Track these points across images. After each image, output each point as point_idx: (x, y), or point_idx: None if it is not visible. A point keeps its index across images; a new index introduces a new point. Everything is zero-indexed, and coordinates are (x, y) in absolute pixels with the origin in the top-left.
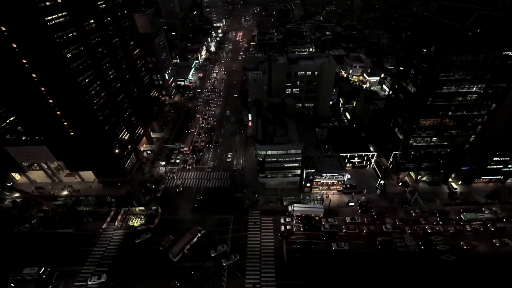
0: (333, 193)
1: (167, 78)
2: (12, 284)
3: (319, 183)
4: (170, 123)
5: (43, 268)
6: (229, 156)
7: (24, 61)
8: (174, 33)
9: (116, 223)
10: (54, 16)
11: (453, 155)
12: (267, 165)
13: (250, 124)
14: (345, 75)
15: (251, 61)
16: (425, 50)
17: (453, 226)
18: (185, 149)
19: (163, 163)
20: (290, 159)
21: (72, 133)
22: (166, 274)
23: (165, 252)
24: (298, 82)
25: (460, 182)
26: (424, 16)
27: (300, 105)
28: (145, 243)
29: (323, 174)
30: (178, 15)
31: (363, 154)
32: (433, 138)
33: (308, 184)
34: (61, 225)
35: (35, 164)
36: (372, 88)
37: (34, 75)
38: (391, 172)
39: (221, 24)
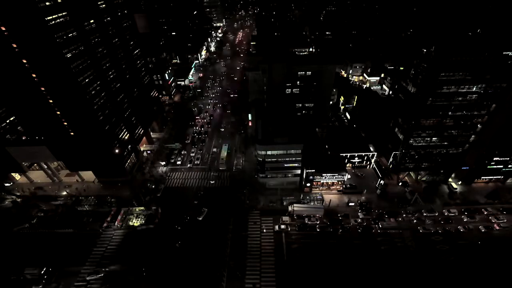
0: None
1: (167, 78)
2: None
3: (319, 183)
4: (170, 123)
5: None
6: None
7: (24, 61)
8: (174, 33)
9: (116, 223)
10: (54, 16)
11: (453, 155)
12: (267, 165)
13: (250, 124)
14: (345, 75)
15: (251, 61)
16: (425, 50)
17: None
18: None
19: (163, 163)
20: (290, 159)
21: (72, 133)
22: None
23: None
24: (298, 82)
25: (460, 182)
26: None
27: (300, 105)
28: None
29: (323, 174)
30: (178, 15)
31: (363, 154)
32: (433, 138)
33: (308, 184)
34: (61, 225)
35: (35, 164)
36: (372, 88)
37: (34, 75)
38: (391, 172)
39: (221, 24)
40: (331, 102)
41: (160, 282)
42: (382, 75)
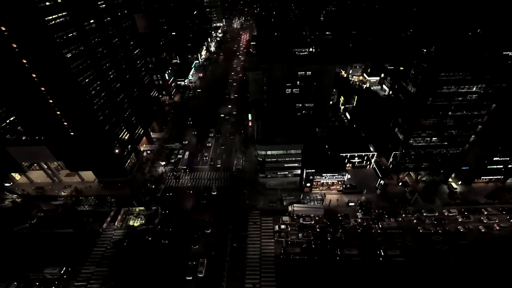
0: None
1: (167, 78)
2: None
3: (319, 183)
4: (170, 123)
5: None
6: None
7: (24, 61)
8: (174, 33)
9: (116, 223)
10: (54, 16)
11: (453, 155)
12: (267, 165)
13: (250, 124)
14: (345, 75)
15: (251, 61)
16: (425, 50)
17: None
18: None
19: (163, 163)
20: (290, 159)
21: (72, 133)
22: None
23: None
24: (298, 82)
25: (460, 182)
26: None
27: (300, 105)
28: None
29: (323, 174)
30: (178, 15)
31: (363, 154)
32: (433, 138)
33: (308, 184)
34: (61, 225)
35: (35, 164)
36: (372, 88)
37: (34, 75)
38: (391, 172)
39: (221, 24)
40: (331, 102)
41: (159, 282)
42: (382, 75)
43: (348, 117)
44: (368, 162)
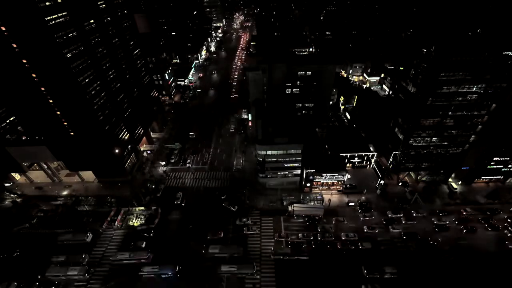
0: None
1: (167, 78)
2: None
3: (319, 183)
4: (170, 123)
5: None
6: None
7: (24, 61)
8: (174, 33)
9: (116, 223)
10: (54, 16)
11: (453, 155)
12: (267, 165)
13: (250, 124)
14: (345, 75)
15: (251, 61)
16: (425, 50)
17: None
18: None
19: (163, 163)
20: (290, 159)
21: (72, 133)
22: None
23: None
24: (298, 82)
25: (460, 182)
26: None
27: (300, 105)
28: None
29: (323, 174)
30: (178, 15)
31: (363, 154)
32: (433, 138)
33: (308, 184)
34: (61, 225)
35: (35, 164)
36: (372, 88)
37: (34, 75)
38: (391, 172)
39: (221, 24)
40: (331, 102)
41: (159, 284)
42: (382, 75)
43: (348, 117)
44: (368, 162)
